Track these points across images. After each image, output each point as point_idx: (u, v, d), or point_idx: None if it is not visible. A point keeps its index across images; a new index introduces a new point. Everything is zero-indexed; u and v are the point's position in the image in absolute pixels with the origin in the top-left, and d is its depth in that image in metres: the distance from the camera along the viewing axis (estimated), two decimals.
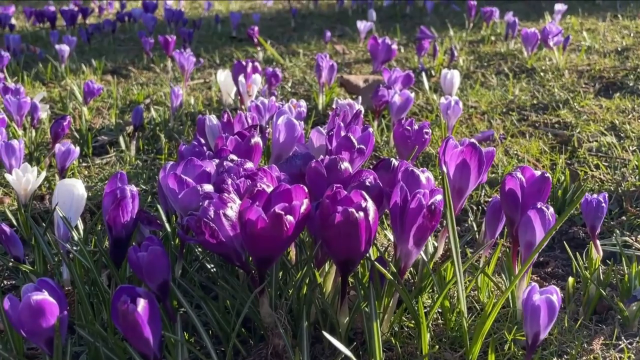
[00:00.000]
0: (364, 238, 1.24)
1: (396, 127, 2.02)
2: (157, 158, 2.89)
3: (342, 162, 1.52)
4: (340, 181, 1.51)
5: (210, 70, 4.83)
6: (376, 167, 1.57)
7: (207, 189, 1.44)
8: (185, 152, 1.88)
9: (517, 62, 4.26)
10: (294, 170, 1.66)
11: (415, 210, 1.32)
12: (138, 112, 2.92)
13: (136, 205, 1.38)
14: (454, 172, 1.61)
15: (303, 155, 1.68)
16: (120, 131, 3.23)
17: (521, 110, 3.28)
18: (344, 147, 1.65)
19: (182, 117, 3.42)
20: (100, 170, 2.76)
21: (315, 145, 1.95)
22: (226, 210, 1.28)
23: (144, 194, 2.50)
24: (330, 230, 1.23)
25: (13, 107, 2.97)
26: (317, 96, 3.47)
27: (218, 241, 1.27)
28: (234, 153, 1.76)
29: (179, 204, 1.46)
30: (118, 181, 1.38)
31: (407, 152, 2.03)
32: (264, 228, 1.18)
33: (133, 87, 4.28)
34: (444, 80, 3.14)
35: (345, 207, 1.21)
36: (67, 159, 2.33)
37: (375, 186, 1.41)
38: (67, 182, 1.90)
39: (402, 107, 2.66)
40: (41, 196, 2.54)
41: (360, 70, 4.53)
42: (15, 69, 4.80)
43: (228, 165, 1.51)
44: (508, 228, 1.53)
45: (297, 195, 1.27)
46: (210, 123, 2.05)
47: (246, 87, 2.98)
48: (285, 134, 1.93)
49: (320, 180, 1.52)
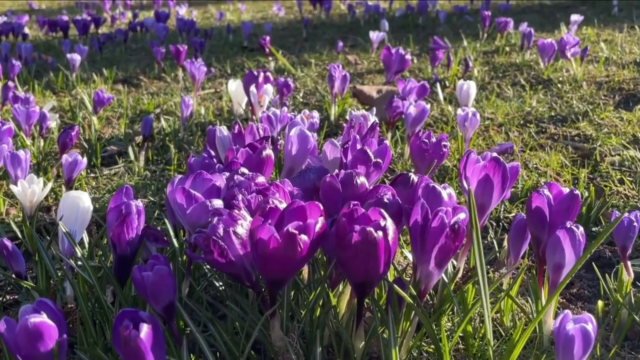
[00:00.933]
0: (383, 259, 1.17)
1: (413, 140, 1.95)
2: (167, 169, 2.83)
3: (358, 176, 1.45)
4: (357, 197, 1.44)
5: (222, 80, 4.78)
6: (394, 183, 1.49)
7: (217, 205, 1.37)
8: (195, 164, 1.82)
9: (533, 73, 4.17)
10: (308, 184, 1.58)
11: (437, 230, 1.24)
12: (147, 123, 2.86)
13: (142, 221, 1.31)
14: (475, 187, 1.53)
15: (317, 169, 1.61)
16: (129, 141, 3.17)
17: (539, 122, 3.19)
18: (359, 161, 1.58)
19: (192, 127, 3.37)
20: (109, 181, 2.71)
21: (329, 158, 1.88)
22: (236, 228, 1.21)
23: (152, 206, 2.43)
24: (347, 251, 1.16)
25: (22, 116, 2.93)
26: (330, 107, 3.41)
27: (227, 261, 1.20)
28: (245, 166, 1.69)
29: (187, 219, 1.39)
30: (123, 196, 1.32)
31: (425, 166, 1.95)
32: (276, 248, 1.11)
33: (143, 97, 4.24)
34: (459, 91, 3.06)
35: (362, 226, 1.14)
36: (74, 170, 2.27)
37: (393, 203, 1.34)
38: (73, 194, 1.84)
39: (418, 119, 2.58)
40: (47, 207, 2.48)
41: (373, 81, 4.47)
42: (26, 77, 4.78)
43: (239, 179, 1.44)
44: (534, 248, 1.45)
45: (312, 212, 1.20)
46: (220, 134, 1.98)
47: (257, 97, 2.92)
48: (298, 146, 1.86)
49: (335, 195, 1.44)
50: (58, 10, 10.67)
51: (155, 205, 2.44)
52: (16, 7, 11.72)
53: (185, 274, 1.54)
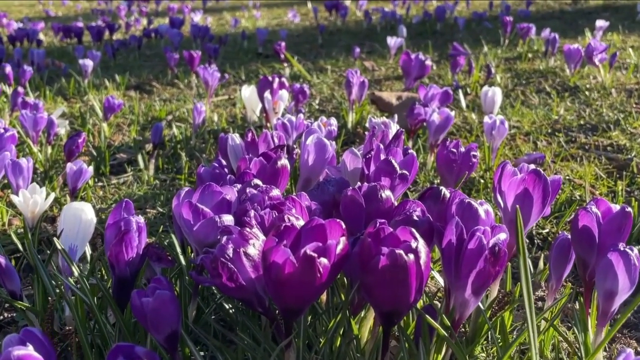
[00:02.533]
0: (414, 286, 1.02)
1: (440, 150, 1.80)
2: (177, 178, 2.71)
3: (383, 190, 1.31)
4: (381, 213, 1.30)
5: (235, 86, 4.67)
6: (423, 197, 1.35)
7: (226, 221, 1.23)
8: (204, 174, 1.69)
9: (559, 80, 4.01)
10: (326, 197, 1.44)
11: (475, 252, 1.10)
12: (157, 130, 2.75)
13: (143, 239, 1.18)
14: (512, 203, 1.39)
15: (336, 180, 1.47)
16: (139, 149, 3.06)
17: (568, 131, 3.03)
18: (384, 173, 1.44)
19: (205, 134, 3.25)
20: (116, 191, 2.59)
21: (349, 168, 1.74)
22: (247, 249, 1.07)
23: (161, 218, 2.31)
24: (373, 276, 1.02)
25: (29, 122, 2.83)
26: (347, 114, 3.27)
27: (237, 285, 1.07)
28: (258, 176, 1.56)
29: (193, 236, 1.26)
30: (123, 210, 1.19)
31: (452, 178, 1.81)
32: (292, 273, 0.97)
33: (155, 103, 4.14)
34: (484, 97, 2.91)
35: (391, 249, 1.00)
36: (78, 180, 2.15)
37: (424, 221, 1.19)
38: (75, 205, 1.72)
39: (442, 127, 2.44)
40: (52, 218, 2.37)
41: (391, 87, 4.33)
42: (38, 83, 4.71)
43: (251, 192, 1.30)
44: (580, 271, 1.30)
45: (333, 231, 1.06)
46: (232, 143, 1.85)
47: (272, 103, 2.80)
48: (315, 155, 1.73)
49: (357, 211, 1.30)
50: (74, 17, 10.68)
51: (164, 217, 2.31)
52: (33, 14, 11.77)
53: (192, 294, 1.40)
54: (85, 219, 1.70)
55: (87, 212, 1.71)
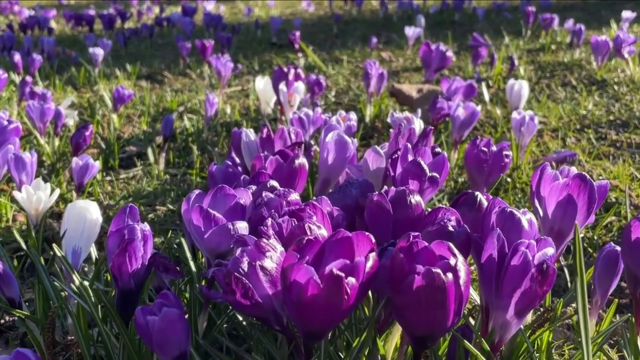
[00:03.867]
0: (453, 308, 0.91)
1: (469, 149, 1.68)
2: (188, 173, 2.60)
3: (412, 195, 1.19)
4: (411, 221, 1.18)
5: (249, 77, 4.55)
6: (457, 204, 1.23)
7: (240, 228, 1.12)
8: (217, 173, 1.58)
9: (585, 73, 3.85)
10: (349, 201, 1.33)
11: (519, 270, 0.98)
12: (168, 122, 2.64)
13: (149, 248, 1.07)
14: (554, 210, 1.26)
15: (359, 183, 1.36)
16: (149, 142, 2.96)
17: (597, 127, 2.88)
18: (411, 175, 1.32)
19: (217, 127, 3.14)
20: (125, 186, 2.49)
21: (372, 167, 1.62)
22: (264, 262, 0.96)
23: (171, 216, 2.21)
24: (406, 297, 0.90)
25: (36, 113, 2.73)
26: (365, 107, 3.14)
27: (253, 302, 0.96)
28: (274, 176, 1.45)
29: (204, 245, 1.15)
30: (127, 217, 1.08)
31: (482, 179, 1.68)
32: (316, 295, 0.85)
33: (167, 94, 4.03)
34: (510, 91, 2.77)
35: (428, 267, 0.88)
36: (85, 175, 2.05)
37: (460, 233, 1.07)
38: (79, 204, 1.62)
39: (467, 122, 2.31)
40: (58, 214, 2.27)
41: (409, 79, 4.19)
42: (48, 72, 4.62)
43: (268, 196, 1.19)
44: (630, 287, 1.17)
45: (360, 245, 0.95)
46: (247, 139, 1.74)
47: (287, 96, 2.68)
48: (336, 153, 1.61)
49: (384, 218, 1.18)
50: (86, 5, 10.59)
51: (174, 215, 2.21)
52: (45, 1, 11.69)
53: (203, 305, 1.30)
54: (90, 219, 1.60)
55: (92, 212, 1.61)
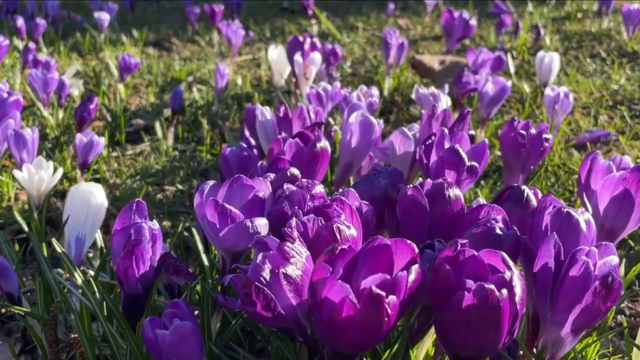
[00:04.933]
0: (506, 328, 0.79)
1: (506, 131, 1.54)
2: (198, 149, 2.48)
3: (451, 188, 1.06)
4: (450, 218, 1.05)
5: (260, 44, 4.38)
6: (500, 199, 1.10)
7: (259, 226, 1.00)
8: (230, 156, 1.46)
9: (614, 44, 3.65)
10: (377, 192, 1.20)
11: (578, 282, 0.86)
12: (177, 95, 2.50)
13: (158, 248, 0.95)
14: (606, 206, 1.13)
15: (388, 172, 1.23)
16: (157, 114, 2.83)
17: (631, 104, 2.72)
18: (448, 164, 1.19)
19: (228, 99, 2.99)
20: (132, 163, 2.37)
21: (399, 151, 1.49)
22: (287, 269, 0.84)
23: (180, 196, 2.09)
24: (453, 315, 0.78)
25: (38, 84, 2.60)
26: (383, 79, 2.98)
27: (275, 314, 0.84)
28: (294, 161, 1.32)
29: (220, 243, 1.03)
30: (133, 213, 0.96)
31: (519, 165, 1.54)
32: (352, 317, 0.74)
33: (175, 62, 3.88)
34: (539, 64, 2.61)
35: (480, 284, 0.76)
36: (89, 153, 1.93)
37: (510, 236, 0.94)
38: (82, 188, 1.50)
39: (496, 99, 2.16)
40: (62, 192, 2.16)
41: (428, 49, 4.01)
42: (53, 38, 4.46)
43: (289, 189, 1.06)
44: None
45: (400, 254, 0.82)
46: (262, 118, 1.61)
47: (303, 67, 2.53)
48: (360, 136, 1.48)
49: (419, 215, 1.06)
50: None
51: (184, 195, 2.09)
52: None
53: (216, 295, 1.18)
54: (94, 204, 1.49)
55: (97, 195, 1.50)
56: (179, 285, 1.20)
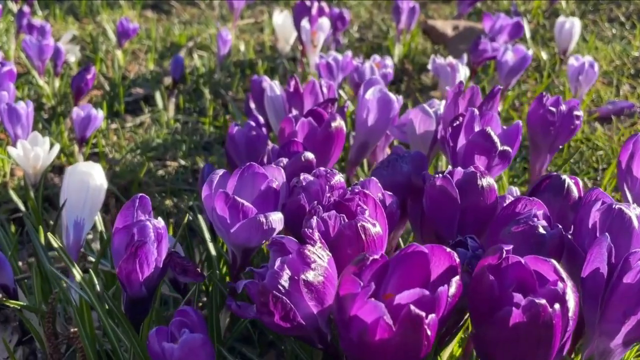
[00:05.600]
0: (557, 345, 0.70)
1: (534, 108, 1.43)
2: (200, 121, 2.37)
3: (484, 177, 0.96)
4: (483, 211, 0.96)
5: (262, 7, 4.20)
6: (538, 189, 1.00)
7: (274, 221, 0.91)
8: (238, 136, 1.35)
9: (633, 7, 3.48)
10: (399, 179, 1.11)
11: (634, 291, 0.76)
12: (178, 64, 2.38)
13: (164, 248, 0.86)
14: None
15: (412, 157, 1.13)
16: (157, 83, 2.70)
17: None
18: (478, 149, 1.09)
19: (230, 66, 2.86)
20: (132, 136, 2.26)
21: (418, 130, 1.39)
22: (308, 275, 0.75)
23: (183, 172, 1.99)
24: (498, 332, 0.69)
25: (33, 51, 2.47)
26: (392, 45, 2.85)
27: (294, 325, 0.76)
28: (307, 142, 1.22)
29: (231, 239, 0.94)
30: (136, 210, 0.86)
31: (547, 143, 1.44)
32: (386, 340, 0.65)
33: (174, 26, 3.72)
34: (559, 30, 2.47)
35: (530, 299, 0.67)
36: (87, 128, 1.83)
37: (554, 235, 0.85)
38: (80, 169, 1.41)
39: (516, 69, 2.03)
40: (59, 167, 2.07)
41: (438, 12, 3.84)
42: (48, 1, 4.28)
43: (306, 179, 0.96)
44: None
45: (436, 262, 0.73)
46: (271, 93, 1.49)
47: (310, 34, 2.39)
48: (377, 114, 1.37)
49: (449, 208, 0.96)
50: None
51: (187, 172, 1.99)
52: None
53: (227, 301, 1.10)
54: (93, 186, 1.40)
55: (96, 177, 1.41)
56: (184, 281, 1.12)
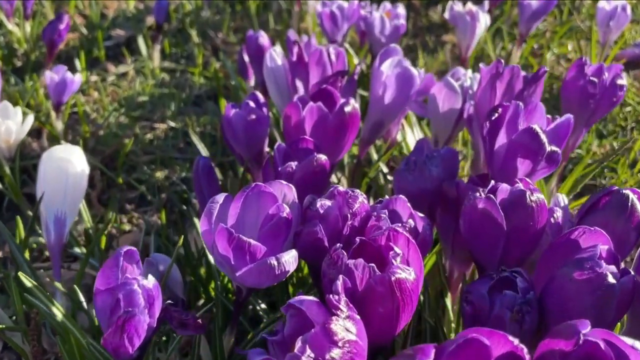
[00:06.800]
0: None
1: (572, 77, 1.24)
2: (189, 71, 2.15)
3: (534, 196, 0.81)
4: (532, 237, 0.82)
5: None
6: (596, 207, 0.84)
7: (287, 264, 0.76)
8: (235, 120, 1.18)
9: None
10: (427, 185, 0.95)
11: None
12: (161, 7, 2.12)
13: (157, 308, 0.71)
14: None
15: (442, 157, 0.97)
16: (139, 23, 2.45)
17: None
18: (523, 151, 0.92)
19: (218, 2, 2.60)
20: (115, 91, 2.06)
21: (442, 108, 1.22)
22: (333, 353, 0.62)
23: (173, 137, 1.81)
24: None
25: None
26: None
27: None
28: (317, 132, 1.07)
29: (237, 280, 0.79)
30: (120, 270, 0.70)
31: (584, 117, 1.27)
32: None
33: None
34: None
35: None
36: (63, 93, 1.63)
37: (625, 285, 0.71)
38: (57, 154, 1.24)
39: (540, 12, 1.81)
40: (37, 130, 1.88)
41: None
42: None
43: (324, 206, 0.80)
44: None
45: (494, 349, 0.59)
46: (272, 64, 1.30)
47: None
48: (396, 91, 1.19)
49: (491, 232, 0.82)
50: None
51: (177, 135, 1.81)
52: None
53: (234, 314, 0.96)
54: (73, 173, 1.24)
55: (76, 162, 1.24)
56: (183, 300, 0.98)
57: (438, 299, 1.01)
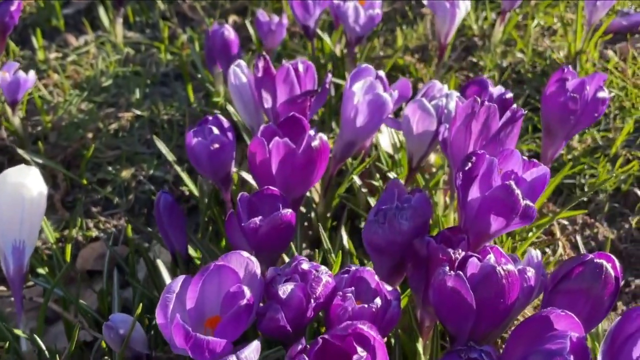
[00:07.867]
0: None
1: (553, 92, 1.18)
2: (155, 46, 2.03)
3: (505, 274, 0.78)
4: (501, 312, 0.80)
5: None
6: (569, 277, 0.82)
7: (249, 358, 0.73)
8: (198, 149, 1.11)
9: None
10: (397, 238, 0.91)
11: None
12: None
13: None
14: None
15: (413, 208, 0.92)
16: None
17: None
18: (496, 208, 0.88)
19: None
20: (76, 70, 1.94)
21: (416, 130, 1.17)
22: None
23: (140, 128, 1.72)
24: None
25: None
26: None
27: None
28: (284, 169, 1.02)
29: None
30: None
31: (564, 132, 1.22)
32: None
33: None
34: None
35: None
36: (17, 92, 1.53)
37: None
38: (10, 180, 1.18)
39: None
40: None
41: None
42: None
43: (285, 293, 0.77)
44: None
45: None
46: (236, 82, 1.21)
47: None
48: (368, 116, 1.14)
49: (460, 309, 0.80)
50: None
51: (144, 125, 1.72)
52: None
53: None
54: (30, 198, 1.19)
55: (32, 186, 1.19)
56: (147, 354, 0.96)
57: (409, 344, 1.00)
